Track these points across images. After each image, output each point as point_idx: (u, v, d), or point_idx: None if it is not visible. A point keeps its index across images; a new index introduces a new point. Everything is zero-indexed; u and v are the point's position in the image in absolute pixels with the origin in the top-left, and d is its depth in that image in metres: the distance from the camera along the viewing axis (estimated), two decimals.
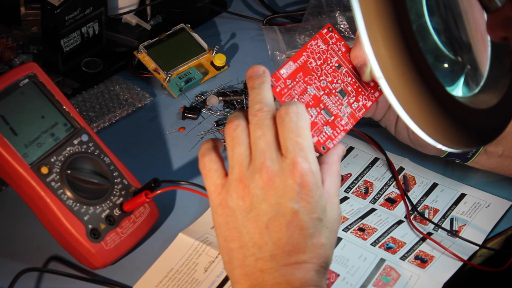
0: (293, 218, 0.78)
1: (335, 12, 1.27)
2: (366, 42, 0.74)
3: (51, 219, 0.93)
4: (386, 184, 1.08)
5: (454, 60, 0.85)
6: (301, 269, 0.79)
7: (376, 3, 0.73)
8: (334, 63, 0.92)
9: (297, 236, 0.79)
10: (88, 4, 1.14)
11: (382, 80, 0.75)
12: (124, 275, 0.95)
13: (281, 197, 0.78)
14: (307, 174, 0.78)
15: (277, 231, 0.79)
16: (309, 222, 0.79)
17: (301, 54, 0.89)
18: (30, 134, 0.94)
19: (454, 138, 0.79)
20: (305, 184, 0.78)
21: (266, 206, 0.79)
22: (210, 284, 0.94)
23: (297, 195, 0.78)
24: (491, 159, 1.04)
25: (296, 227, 0.78)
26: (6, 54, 1.17)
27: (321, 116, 0.88)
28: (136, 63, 1.20)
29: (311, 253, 0.79)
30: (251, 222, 0.79)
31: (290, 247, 0.79)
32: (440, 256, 0.98)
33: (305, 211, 0.78)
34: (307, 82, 0.89)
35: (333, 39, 0.92)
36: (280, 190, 0.78)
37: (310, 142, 0.80)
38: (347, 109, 0.91)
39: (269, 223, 0.79)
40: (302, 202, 0.78)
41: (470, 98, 0.83)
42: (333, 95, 0.90)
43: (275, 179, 0.78)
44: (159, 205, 1.00)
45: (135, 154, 1.10)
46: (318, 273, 0.79)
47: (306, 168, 0.78)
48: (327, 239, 0.80)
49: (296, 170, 0.78)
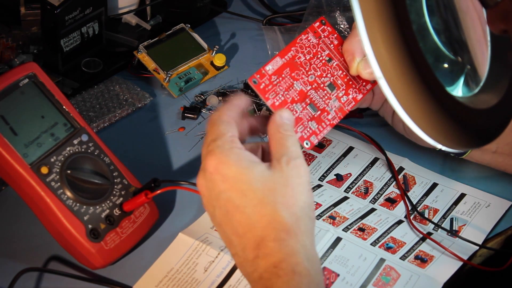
0: (227, 204, 0.79)
1: (335, 12, 1.27)
2: (366, 42, 0.74)
3: (51, 219, 0.93)
4: (386, 184, 1.08)
5: (454, 60, 0.85)
6: (261, 247, 0.78)
7: (376, 3, 0.73)
8: (324, 56, 0.91)
9: (239, 216, 0.79)
10: (88, 4, 1.14)
11: (382, 80, 0.75)
12: (124, 275, 0.95)
13: (211, 192, 0.80)
14: (214, 159, 0.79)
15: (226, 222, 0.80)
16: (239, 198, 0.79)
17: (289, 49, 0.89)
18: (30, 134, 0.94)
19: (454, 138, 0.79)
20: (217, 167, 0.79)
21: (210, 207, 0.81)
22: (210, 284, 0.94)
23: (218, 181, 0.79)
24: (485, 155, 1.04)
25: (233, 209, 0.79)
26: (6, 54, 1.17)
27: (307, 111, 0.88)
28: (136, 63, 1.20)
29: (260, 224, 0.78)
30: (216, 226, 0.82)
31: (241, 230, 0.79)
32: (440, 256, 0.98)
33: (231, 191, 0.79)
34: (294, 78, 0.88)
35: (326, 32, 0.92)
36: (208, 187, 0.80)
37: (217, 132, 0.81)
38: (335, 103, 0.91)
39: (219, 220, 0.81)
40: (224, 185, 0.79)
41: (470, 98, 0.83)
42: (321, 89, 0.90)
43: (202, 181, 0.81)
44: (159, 205, 1.00)
45: (135, 154, 1.10)
46: (278, 241, 0.78)
47: (212, 153, 0.79)
48: (272, 203, 0.78)
49: (206, 161, 0.80)
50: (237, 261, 0.80)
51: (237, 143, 0.81)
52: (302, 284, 0.76)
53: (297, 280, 0.76)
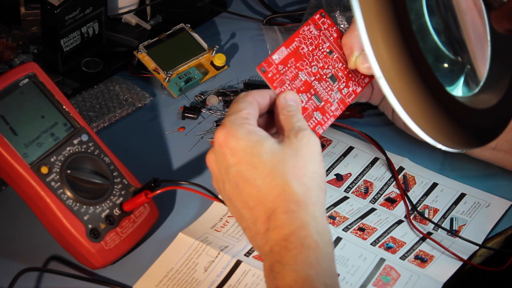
0: (237, 177, 0.81)
1: (335, 12, 1.27)
2: (366, 42, 0.74)
3: (51, 219, 0.93)
4: (386, 184, 1.08)
5: (454, 60, 0.85)
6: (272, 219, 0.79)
7: (376, 3, 0.73)
8: (325, 48, 0.92)
9: (249, 189, 0.80)
10: (88, 4, 1.14)
11: (382, 80, 0.75)
12: (124, 275, 0.95)
13: (220, 166, 0.82)
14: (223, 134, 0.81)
15: (236, 196, 0.81)
16: (249, 171, 0.80)
17: (294, 40, 0.90)
18: (30, 134, 0.94)
19: (454, 138, 0.79)
20: (226, 142, 0.81)
21: (220, 183, 0.83)
22: (210, 284, 0.94)
23: (227, 155, 0.81)
24: (484, 151, 1.04)
25: (243, 182, 0.80)
26: (6, 54, 1.17)
27: (312, 101, 0.89)
28: (136, 63, 1.20)
29: (270, 196, 0.79)
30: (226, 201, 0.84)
31: (252, 202, 0.80)
32: (440, 255, 0.98)
33: (240, 164, 0.80)
34: (299, 68, 0.90)
35: (325, 25, 0.93)
36: (217, 161, 0.82)
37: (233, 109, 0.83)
38: (337, 95, 0.91)
39: (229, 194, 0.82)
40: (233, 158, 0.81)
41: (470, 98, 0.83)
42: (324, 80, 0.91)
43: (212, 156, 0.83)
44: (159, 205, 1.00)
45: (135, 154, 1.10)
46: (288, 213, 0.79)
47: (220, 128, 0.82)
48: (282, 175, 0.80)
49: (216, 136, 0.82)
50: (249, 235, 0.82)
51: (250, 119, 0.83)
52: (310, 257, 0.77)
53: (305, 253, 0.77)
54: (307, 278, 0.77)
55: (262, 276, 0.93)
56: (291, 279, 0.77)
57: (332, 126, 1.14)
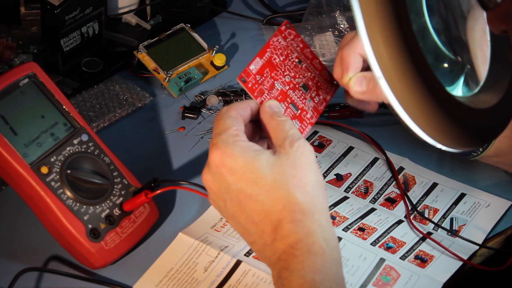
0: (239, 194, 0.82)
1: (335, 12, 1.27)
2: (366, 42, 0.74)
3: (51, 219, 0.93)
4: (386, 184, 1.08)
5: (454, 60, 0.85)
6: (279, 230, 0.80)
7: (376, 3, 0.73)
8: (294, 58, 0.94)
9: (253, 205, 0.81)
10: (88, 4, 1.14)
11: (382, 80, 0.75)
12: (124, 275, 0.95)
13: (220, 186, 0.82)
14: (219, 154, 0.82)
15: (240, 213, 0.82)
16: (251, 187, 0.81)
17: (266, 51, 0.91)
18: (30, 134, 0.94)
19: (454, 138, 0.79)
20: (223, 161, 0.81)
21: (221, 202, 0.83)
22: (210, 283, 0.94)
23: (226, 175, 0.82)
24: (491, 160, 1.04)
25: (246, 199, 0.81)
26: (6, 54, 1.17)
27: (290, 110, 0.91)
28: (136, 63, 1.20)
29: (275, 209, 0.81)
30: (229, 220, 0.84)
31: (257, 217, 0.81)
32: (440, 255, 0.98)
33: (241, 182, 0.81)
34: (274, 78, 0.91)
35: (291, 36, 0.95)
36: (216, 181, 0.83)
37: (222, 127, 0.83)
38: (310, 103, 0.93)
39: (232, 212, 0.83)
40: (233, 177, 0.81)
41: (470, 98, 0.83)
42: (297, 89, 0.93)
43: (208, 177, 0.83)
44: (159, 205, 1.00)
45: (135, 154, 1.10)
46: (294, 222, 0.80)
47: (216, 148, 0.82)
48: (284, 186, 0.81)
49: (211, 157, 0.82)
50: (256, 249, 0.83)
51: (241, 136, 0.83)
52: (316, 263, 0.79)
53: (312, 259, 0.78)
54: (313, 283, 0.78)
55: (262, 276, 0.93)
56: (298, 284, 0.78)
57: (332, 126, 1.14)
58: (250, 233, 0.83)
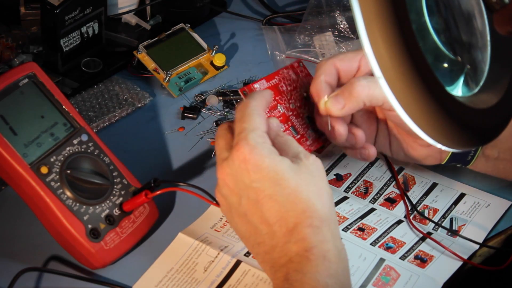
0: (258, 192, 0.83)
1: (334, 12, 1.27)
2: (366, 42, 0.74)
3: (51, 219, 0.93)
4: (386, 184, 1.08)
5: (453, 60, 0.85)
6: (294, 232, 0.82)
7: (376, 3, 0.73)
8: (303, 92, 0.98)
9: (271, 205, 0.83)
10: (88, 4, 1.14)
11: (382, 80, 0.75)
12: (124, 275, 0.95)
13: (239, 182, 0.84)
14: (247, 150, 0.83)
15: (254, 211, 0.84)
16: (273, 188, 0.83)
17: (273, 77, 0.95)
18: (29, 134, 0.94)
19: (454, 138, 0.79)
20: (249, 158, 0.83)
21: (235, 197, 0.85)
22: (210, 284, 0.94)
23: (249, 172, 0.84)
24: (488, 162, 1.04)
25: (264, 198, 0.83)
26: (6, 54, 1.17)
27: (289, 131, 0.95)
28: (135, 63, 1.20)
29: (294, 212, 0.83)
30: (236, 217, 0.86)
31: (273, 218, 0.83)
32: (440, 255, 0.98)
33: (264, 181, 0.83)
34: (278, 101, 0.95)
35: (303, 73, 0.99)
36: (235, 176, 0.84)
37: (252, 123, 0.85)
38: (312, 133, 0.97)
39: (245, 209, 0.84)
40: (256, 175, 0.83)
41: (470, 98, 0.83)
42: (301, 118, 0.96)
43: (228, 171, 0.85)
44: (159, 205, 1.00)
45: (135, 154, 1.10)
46: (312, 227, 0.82)
47: (245, 144, 0.84)
48: (305, 192, 0.83)
49: (238, 151, 0.84)
50: (261, 250, 0.84)
51: (267, 138, 0.86)
52: (331, 269, 0.81)
53: (326, 265, 0.81)
54: (326, 287, 0.80)
55: (262, 276, 0.93)
56: (310, 286, 0.80)
57: None
58: (260, 233, 0.84)
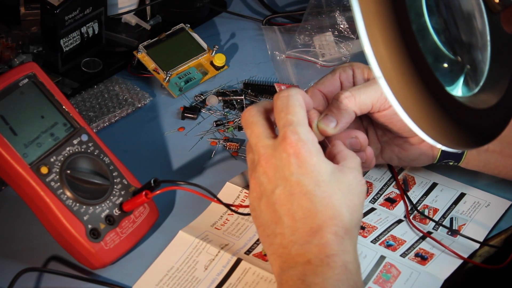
0: (295, 186, 0.84)
1: (334, 12, 1.27)
2: (366, 42, 0.74)
3: (51, 219, 0.93)
4: (386, 184, 1.08)
5: (453, 60, 0.85)
6: (317, 235, 0.83)
7: (376, 3, 0.73)
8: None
9: (304, 201, 0.84)
10: (88, 4, 1.14)
11: (382, 80, 0.75)
12: (124, 275, 0.95)
13: (279, 171, 0.85)
14: (297, 144, 0.84)
15: (285, 203, 0.84)
16: (312, 186, 0.84)
17: None
18: (29, 134, 0.94)
19: (454, 138, 0.79)
20: (298, 152, 0.84)
21: (270, 185, 0.85)
22: (210, 282, 0.94)
23: (293, 165, 0.84)
24: (480, 156, 1.03)
25: (300, 193, 0.84)
26: (6, 54, 1.17)
27: None
28: (135, 63, 1.20)
29: (323, 215, 0.84)
30: (264, 205, 0.86)
31: (301, 214, 0.84)
32: (440, 254, 0.98)
33: (305, 177, 0.84)
34: None
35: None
36: (277, 166, 0.85)
37: (300, 117, 0.86)
38: None
39: (276, 199, 0.85)
40: (299, 169, 0.84)
41: (469, 98, 0.83)
42: None
43: (271, 160, 0.85)
44: (159, 205, 1.00)
45: (135, 154, 1.10)
46: (336, 235, 0.83)
47: (295, 138, 0.84)
48: (339, 200, 0.84)
49: (286, 143, 0.84)
50: (277, 241, 0.85)
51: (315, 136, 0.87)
52: (351, 280, 0.83)
53: (347, 275, 0.82)
54: None
55: (262, 274, 0.93)
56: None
57: None
58: (282, 224, 0.85)
